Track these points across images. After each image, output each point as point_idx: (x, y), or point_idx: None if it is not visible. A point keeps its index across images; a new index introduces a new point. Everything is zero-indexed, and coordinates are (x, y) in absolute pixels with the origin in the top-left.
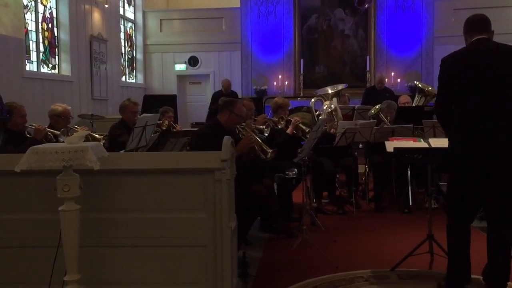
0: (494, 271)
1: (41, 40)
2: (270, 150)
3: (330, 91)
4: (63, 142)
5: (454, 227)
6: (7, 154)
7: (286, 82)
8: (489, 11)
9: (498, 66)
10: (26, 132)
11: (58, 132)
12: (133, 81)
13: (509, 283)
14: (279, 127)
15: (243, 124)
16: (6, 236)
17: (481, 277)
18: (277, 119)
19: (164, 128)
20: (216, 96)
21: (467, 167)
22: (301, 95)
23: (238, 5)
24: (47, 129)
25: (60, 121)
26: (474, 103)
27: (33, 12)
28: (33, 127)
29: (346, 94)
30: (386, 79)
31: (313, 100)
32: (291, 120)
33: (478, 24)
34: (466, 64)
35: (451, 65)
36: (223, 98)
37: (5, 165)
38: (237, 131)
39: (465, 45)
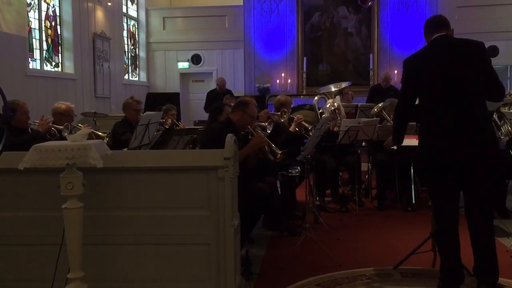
0: (482, 266)
1: (44, 38)
2: (280, 152)
3: (333, 89)
4: (66, 136)
5: (442, 227)
6: (11, 152)
7: (289, 80)
8: (492, 9)
9: (459, 62)
10: (29, 129)
11: (62, 127)
12: (136, 79)
13: (504, 279)
14: (282, 120)
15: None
16: (10, 234)
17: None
18: (279, 113)
19: (167, 127)
20: (210, 94)
21: (438, 166)
22: (304, 93)
23: (241, 3)
24: (50, 124)
25: (63, 119)
26: (438, 102)
27: (36, 10)
28: (36, 123)
29: (350, 92)
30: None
31: (316, 98)
32: (294, 118)
33: (435, 22)
34: (427, 64)
35: (413, 66)
36: (228, 96)
37: (8, 163)
38: (251, 132)
39: (426, 42)
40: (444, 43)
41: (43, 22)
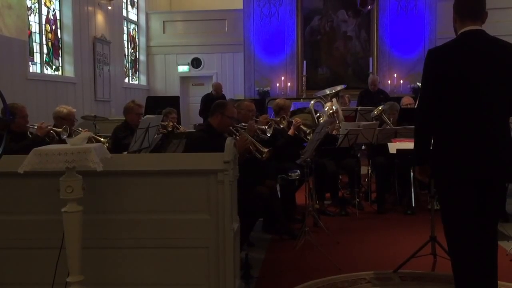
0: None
1: (44, 42)
2: (265, 150)
3: (328, 93)
4: (65, 138)
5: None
6: (11, 155)
7: (289, 84)
8: (491, 12)
9: (492, 69)
10: (28, 133)
11: (60, 130)
12: (136, 82)
13: (504, 282)
14: (281, 126)
15: (245, 125)
16: (9, 237)
17: None
18: (279, 119)
19: (170, 129)
20: (205, 99)
21: (461, 185)
22: (304, 96)
23: (241, 7)
24: (49, 127)
25: (64, 123)
26: (467, 112)
27: (37, 14)
28: (35, 127)
29: (346, 96)
30: (389, 81)
31: (312, 102)
32: (293, 122)
33: (472, 11)
34: (458, 63)
35: (441, 60)
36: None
37: (8, 167)
38: (234, 133)
39: (453, 25)
40: (478, 42)
41: (43, 26)
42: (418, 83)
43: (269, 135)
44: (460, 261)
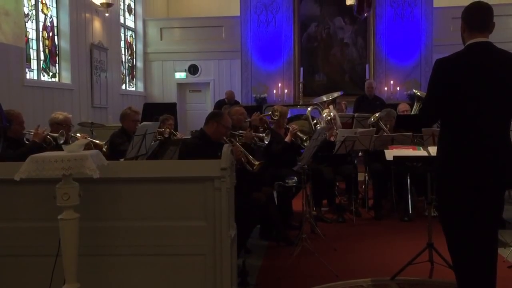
0: None
1: (41, 49)
2: (257, 163)
3: (325, 99)
4: (62, 143)
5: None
6: (7, 163)
7: (286, 90)
8: None
9: (499, 82)
10: (24, 139)
11: (57, 135)
12: (133, 89)
13: None
14: (275, 118)
15: (242, 132)
16: (5, 245)
17: None
18: (270, 112)
19: (166, 136)
20: (218, 104)
21: (461, 190)
22: (301, 103)
23: (238, 14)
24: (45, 132)
25: (60, 129)
26: (468, 121)
27: (34, 21)
28: (32, 133)
29: (343, 102)
30: (386, 88)
31: (309, 108)
32: (290, 128)
33: (481, 22)
34: (463, 76)
35: (448, 71)
36: (226, 106)
37: (4, 174)
38: (226, 142)
39: (461, 35)
40: (484, 55)
41: (40, 33)
42: (414, 90)
43: (266, 142)
44: (461, 268)
